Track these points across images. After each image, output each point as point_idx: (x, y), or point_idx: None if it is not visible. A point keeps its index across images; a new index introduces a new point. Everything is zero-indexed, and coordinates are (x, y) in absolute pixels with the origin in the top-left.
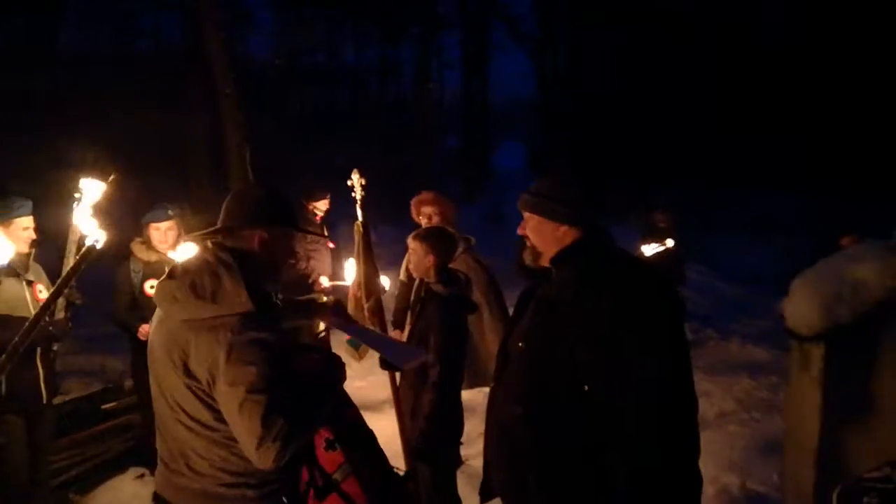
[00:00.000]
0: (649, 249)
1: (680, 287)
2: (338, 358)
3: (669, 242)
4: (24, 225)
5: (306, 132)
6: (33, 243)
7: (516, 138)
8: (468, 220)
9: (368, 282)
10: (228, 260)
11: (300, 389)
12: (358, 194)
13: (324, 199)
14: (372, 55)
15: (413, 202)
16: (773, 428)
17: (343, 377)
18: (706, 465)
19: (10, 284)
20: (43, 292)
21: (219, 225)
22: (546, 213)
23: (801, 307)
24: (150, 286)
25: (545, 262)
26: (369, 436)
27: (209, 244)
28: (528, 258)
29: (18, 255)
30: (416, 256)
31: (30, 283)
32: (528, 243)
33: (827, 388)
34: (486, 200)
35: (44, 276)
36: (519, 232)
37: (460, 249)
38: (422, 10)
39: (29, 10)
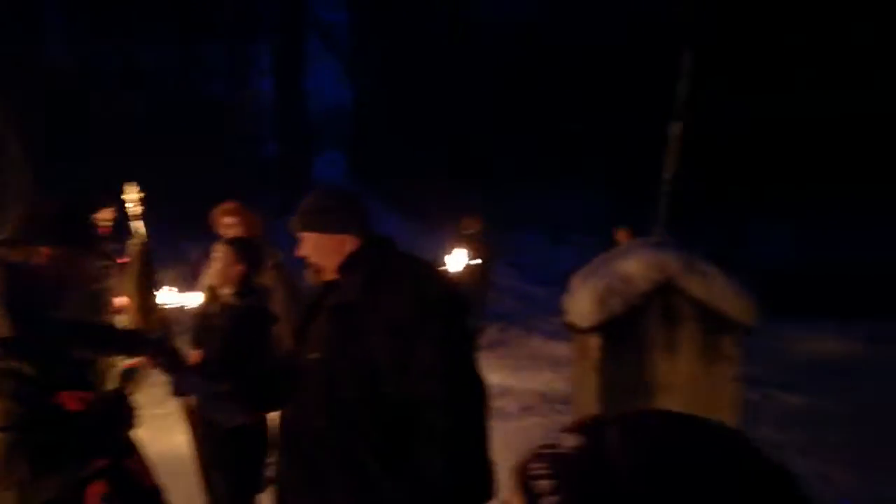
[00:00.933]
0: (456, 262)
1: (487, 292)
2: (124, 399)
3: (478, 260)
4: None
5: (108, 139)
6: None
7: (335, 147)
8: (286, 233)
9: (144, 307)
10: None
11: (59, 433)
12: (133, 209)
13: (107, 208)
14: (175, 59)
15: (214, 213)
16: (572, 418)
17: (128, 422)
18: (508, 458)
19: None
20: None
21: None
22: (323, 227)
23: (578, 301)
24: None
25: (330, 276)
26: (152, 491)
27: None
28: (310, 277)
29: None
30: (223, 264)
31: None
32: (309, 263)
33: (604, 375)
34: None
35: None
36: (298, 254)
37: (268, 263)
38: (233, 18)
39: None
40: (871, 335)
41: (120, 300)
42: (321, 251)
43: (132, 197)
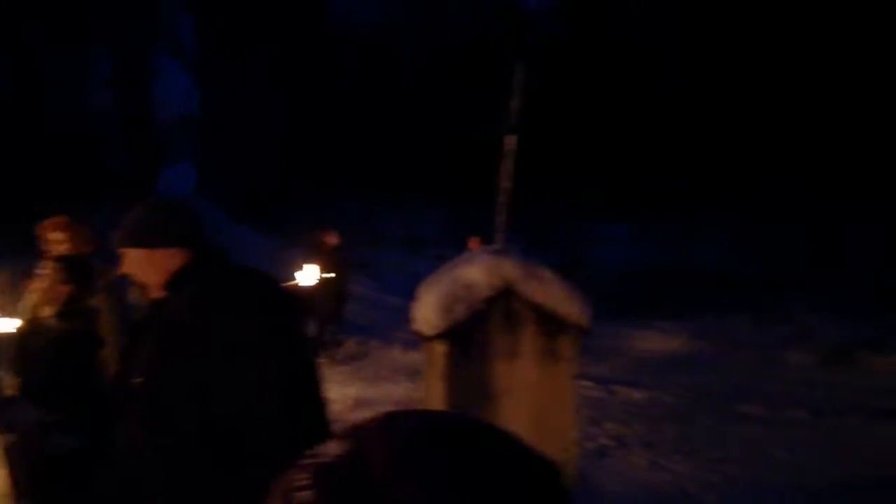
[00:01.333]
0: (308, 277)
1: (344, 306)
2: None
3: (331, 273)
4: None
5: None
6: None
7: (185, 159)
8: None
9: None
10: None
11: None
12: None
13: None
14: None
15: (40, 228)
16: None
17: None
18: None
19: None
20: None
21: None
22: (144, 242)
23: (423, 309)
24: None
25: (156, 294)
26: None
27: None
28: (136, 295)
29: None
30: (49, 283)
31: None
32: (133, 280)
33: (451, 381)
34: None
35: None
36: (121, 272)
37: (99, 283)
38: (73, 27)
39: None
40: (704, 331)
41: None
42: (147, 267)
43: None
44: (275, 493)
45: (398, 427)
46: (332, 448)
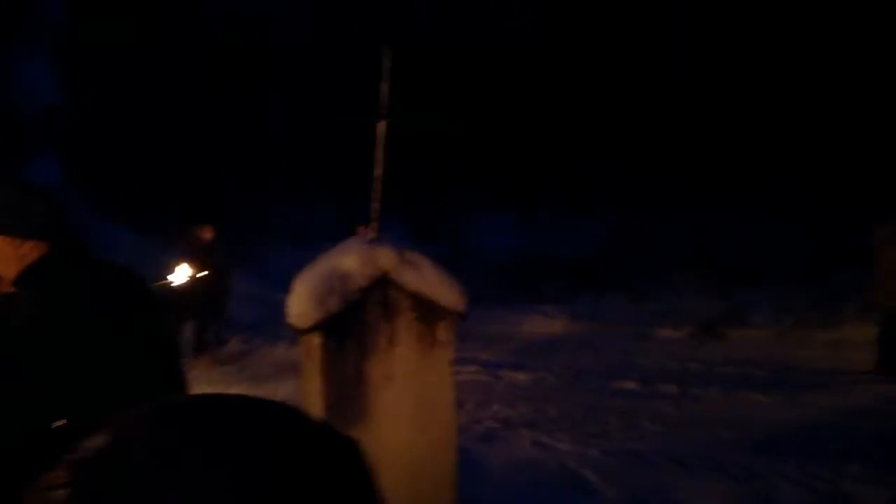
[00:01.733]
0: (180, 275)
1: (226, 303)
2: None
3: (205, 272)
4: None
5: None
6: None
7: (50, 152)
8: None
9: None
10: None
11: None
12: None
13: None
14: None
15: None
16: None
17: None
18: None
19: None
20: None
21: None
22: (7, 229)
23: (299, 302)
24: None
25: (6, 288)
26: None
27: None
28: None
29: None
30: None
31: None
32: None
33: (327, 374)
34: None
35: None
36: None
37: None
38: None
39: None
40: (582, 314)
41: None
42: (1, 256)
43: None
44: (33, 494)
45: (165, 414)
46: (94, 441)
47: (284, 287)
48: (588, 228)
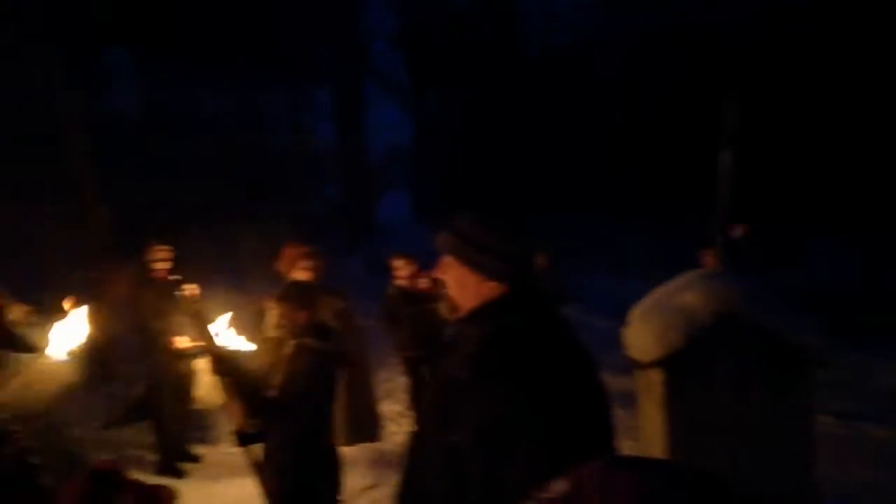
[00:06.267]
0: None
1: None
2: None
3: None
4: None
5: (174, 184)
6: None
7: (398, 188)
8: (350, 272)
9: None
10: None
11: None
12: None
13: (159, 248)
14: (243, 106)
15: (285, 257)
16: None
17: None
18: None
19: None
20: None
21: None
22: (475, 265)
23: (638, 335)
24: None
25: (460, 314)
26: None
27: None
28: (445, 311)
29: None
30: (286, 317)
31: None
32: (446, 293)
33: (669, 411)
34: (368, 251)
35: None
36: (436, 275)
37: (338, 304)
38: (294, 65)
39: None
40: None
41: (181, 340)
42: (463, 288)
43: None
44: None
45: (614, 479)
46: (557, 487)
47: (605, 312)
48: None
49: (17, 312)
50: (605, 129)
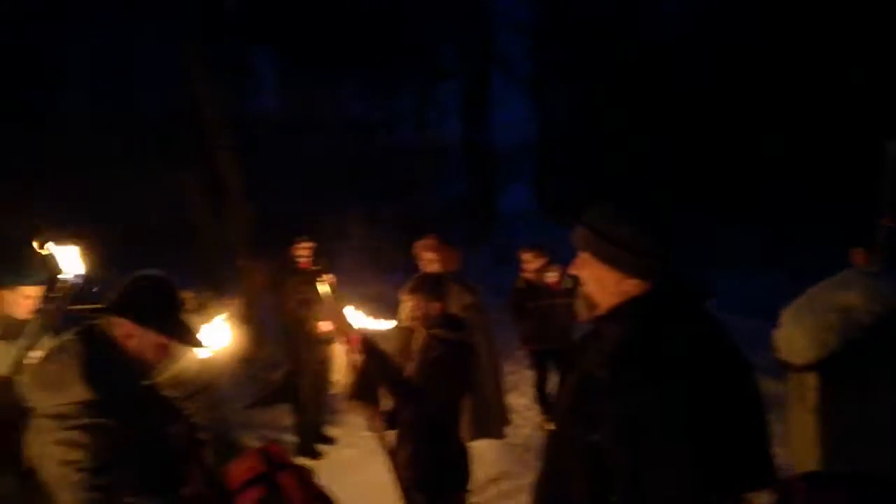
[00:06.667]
0: None
1: None
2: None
3: None
4: (27, 294)
5: (312, 184)
6: (36, 311)
7: (522, 181)
8: (475, 264)
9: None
10: (77, 348)
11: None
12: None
13: (303, 242)
14: (372, 106)
15: (415, 248)
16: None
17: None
18: None
19: (1, 348)
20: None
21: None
22: (610, 260)
23: (791, 337)
24: None
25: (598, 311)
26: None
27: (81, 327)
28: (581, 310)
29: (15, 320)
30: (420, 308)
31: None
32: (581, 290)
33: (823, 416)
34: (493, 243)
35: (45, 341)
36: (572, 272)
37: (468, 298)
38: (421, 62)
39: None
40: None
41: (324, 325)
42: (600, 285)
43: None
44: None
45: (826, 494)
46: (760, 499)
47: (744, 311)
48: None
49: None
50: (741, 122)
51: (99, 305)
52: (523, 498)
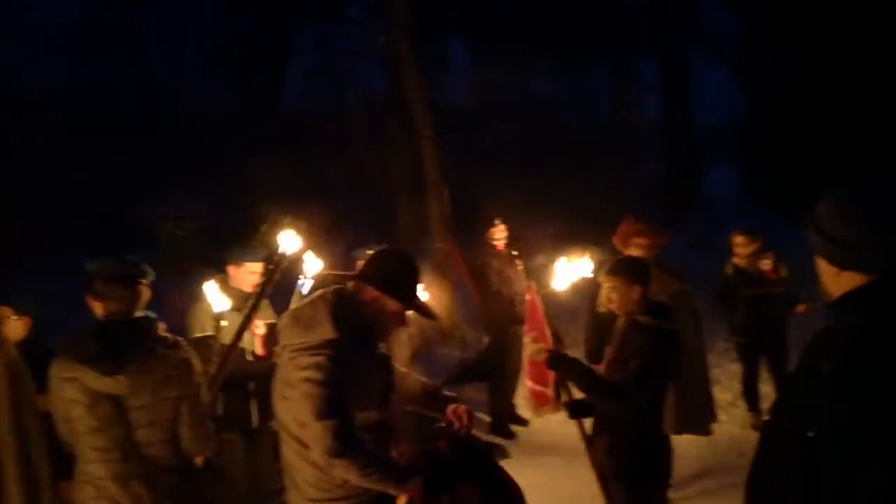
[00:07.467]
0: None
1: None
2: (478, 448)
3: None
4: (252, 269)
5: (503, 166)
6: (260, 286)
7: (726, 163)
8: (672, 248)
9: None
10: (330, 298)
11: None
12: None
13: (498, 227)
14: (565, 86)
15: (620, 232)
16: None
17: (470, 471)
18: None
19: (233, 318)
20: (260, 328)
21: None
22: (823, 254)
23: None
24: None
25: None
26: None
27: (335, 286)
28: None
29: (243, 293)
30: (619, 292)
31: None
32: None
33: None
34: (692, 228)
35: (270, 313)
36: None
37: (674, 285)
38: (616, 38)
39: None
40: None
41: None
42: (824, 276)
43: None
44: None
45: None
46: None
47: None
48: None
49: None
50: None
51: (353, 273)
52: (725, 498)
